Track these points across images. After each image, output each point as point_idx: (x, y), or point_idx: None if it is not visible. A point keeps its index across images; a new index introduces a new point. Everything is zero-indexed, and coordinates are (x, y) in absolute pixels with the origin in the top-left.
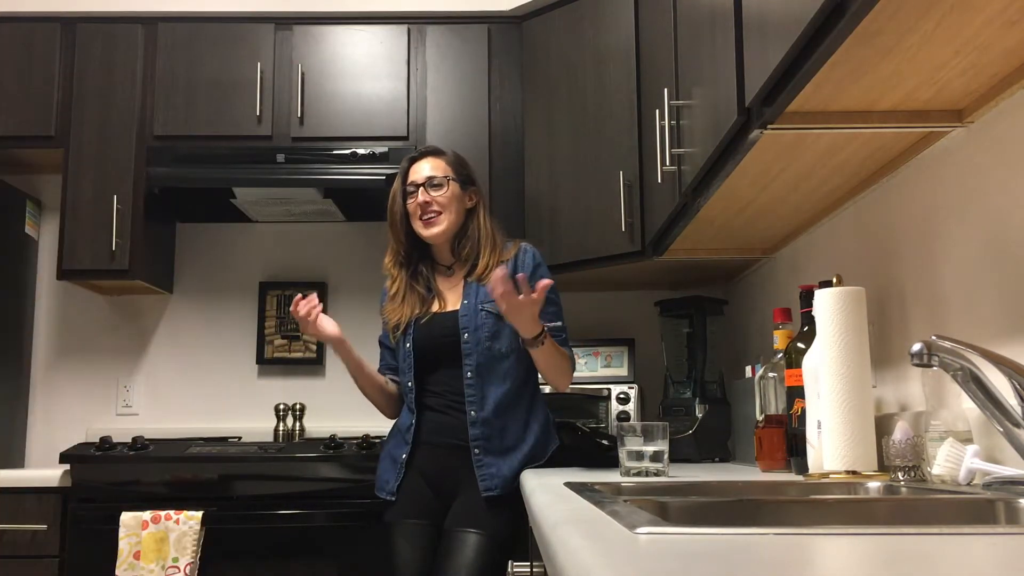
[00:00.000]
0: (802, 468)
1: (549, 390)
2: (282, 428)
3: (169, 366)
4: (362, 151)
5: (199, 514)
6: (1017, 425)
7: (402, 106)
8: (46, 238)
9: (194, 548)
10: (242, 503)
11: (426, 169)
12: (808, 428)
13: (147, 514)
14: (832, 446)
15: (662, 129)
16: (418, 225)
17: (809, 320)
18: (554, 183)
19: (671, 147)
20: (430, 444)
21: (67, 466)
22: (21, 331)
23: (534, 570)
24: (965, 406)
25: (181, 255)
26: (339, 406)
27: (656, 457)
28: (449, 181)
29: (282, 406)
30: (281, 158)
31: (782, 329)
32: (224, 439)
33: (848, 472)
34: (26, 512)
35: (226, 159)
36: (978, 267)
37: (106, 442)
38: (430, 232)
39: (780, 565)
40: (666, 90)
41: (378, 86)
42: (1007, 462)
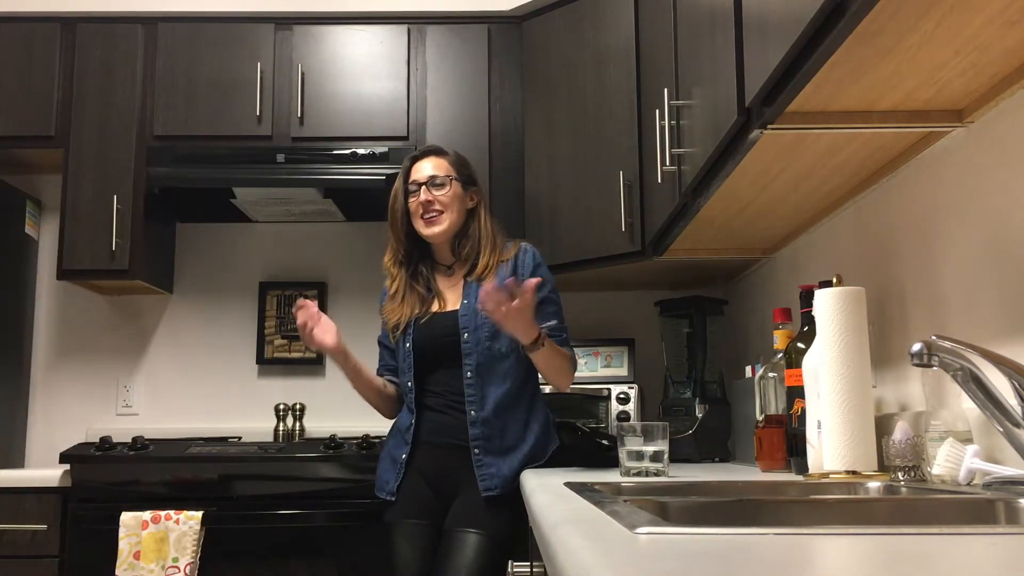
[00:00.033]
0: (802, 468)
1: (549, 390)
2: (282, 428)
3: (169, 366)
4: (362, 151)
5: (199, 514)
6: (1017, 425)
7: (402, 106)
8: (46, 238)
9: (194, 548)
10: (242, 503)
11: (428, 168)
12: (808, 428)
13: (147, 514)
14: (832, 446)
15: (662, 129)
16: (419, 224)
17: (809, 320)
18: (554, 183)
19: (671, 147)
20: (430, 444)
21: (67, 466)
22: (21, 331)
23: (534, 570)
24: (965, 406)
25: (181, 255)
26: (339, 406)
27: (656, 457)
28: (451, 180)
29: (282, 406)
30: (281, 158)
31: (782, 329)
32: (224, 439)
33: (848, 472)
34: (26, 512)
35: (226, 159)
36: (978, 267)
37: (106, 442)
38: (431, 231)
39: (780, 565)
40: (666, 90)
41: (378, 86)
42: (1007, 462)
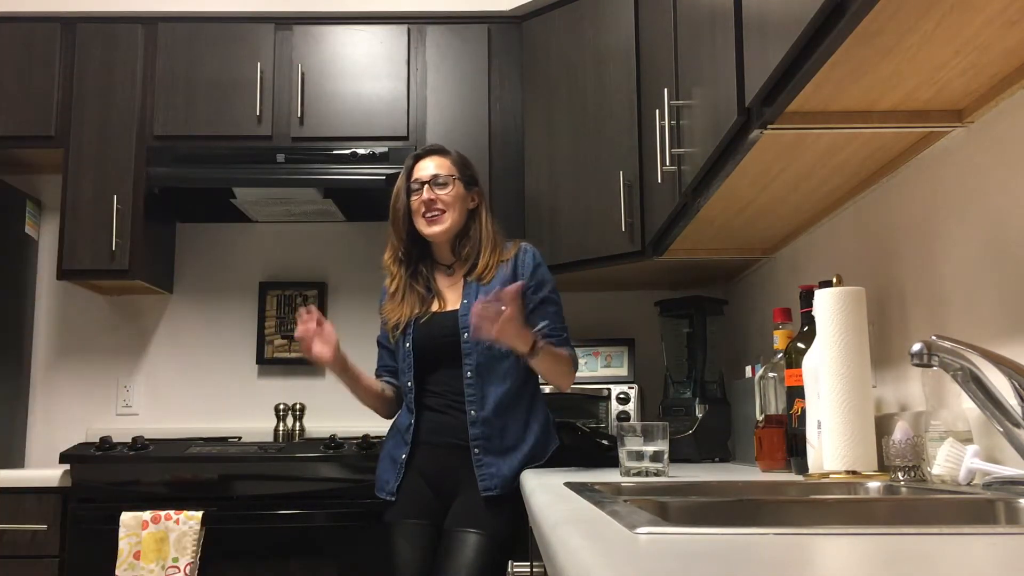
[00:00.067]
0: (802, 468)
1: (549, 390)
2: (282, 428)
3: (169, 366)
4: (362, 151)
5: (199, 514)
6: (1017, 425)
7: (402, 106)
8: (46, 238)
9: (194, 548)
10: (242, 503)
11: (431, 167)
12: (808, 428)
13: (147, 514)
14: (832, 446)
15: (662, 129)
16: (420, 223)
17: (809, 320)
18: (554, 183)
19: (671, 147)
20: (430, 444)
21: (67, 466)
22: (21, 331)
23: (534, 570)
24: (965, 406)
25: (181, 255)
26: (339, 406)
27: (656, 457)
28: (454, 180)
29: (282, 406)
30: (281, 158)
31: (782, 329)
32: (224, 439)
33: (848, 472)
34: (26, 512)
35: (226, 159)
36: (978, 267)
37: (106, 442)
38: (432, 230)
39: (780, 565)
40: (666, 90)
41: (378, 86)
42: (1007, 462)
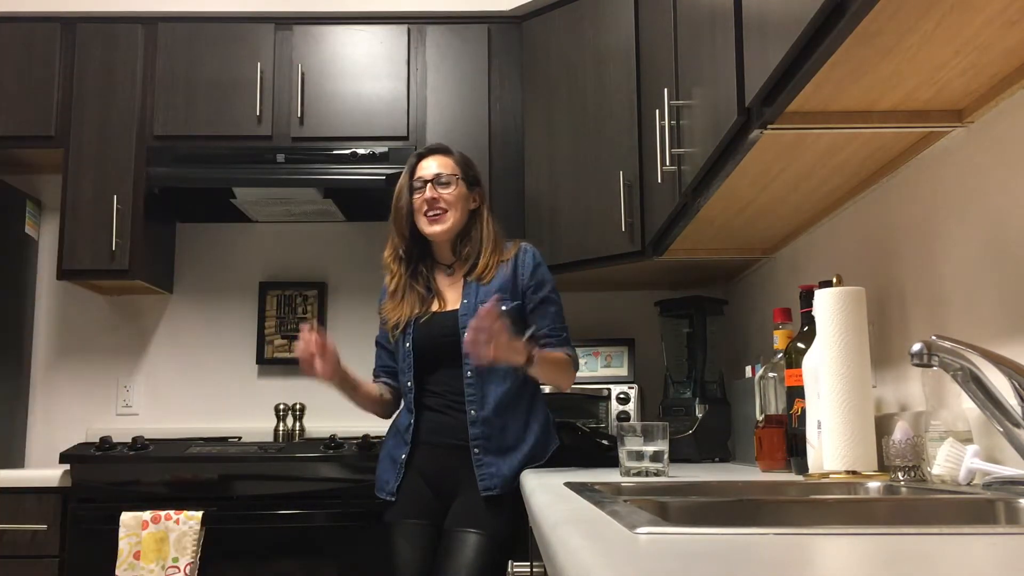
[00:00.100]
0: (802, 468)
1: (549, 390)
2: (282, 428)
3: (169, 366)
4: (362, 151)
5: (199, 514)
6: (1017, 425)
7: (402, 106)
8: (46, 238)
9: (194, 548)
10: (242, 503)
11: (434, 166)
12: (808, 428)
13: (147, 514)
14: (832, 446)
15: (662, 129)
16: (422, 222)
17: (809, 320)
18: (554, 183)
19: (671, 147)
20: (429, 444)
21: (67, 466)
22: (21, 331)
23: (534, 570)
24: (965, 406)
25: (181, 255)
26: (339, 406)
27: (656, 457)
28: (457, 180)
29: (282, 406)
30: (281, 158)
31: (782, 329)
32: (224, 439)
33: (848, 472)
34: (26, 512)
35: (226, 159)
36: (978, 267)
37: (106, 442)
38: (434, 229)
39: (780, 565)
40: (666, 90)
41: (378, 86)
42: (1007, 462)
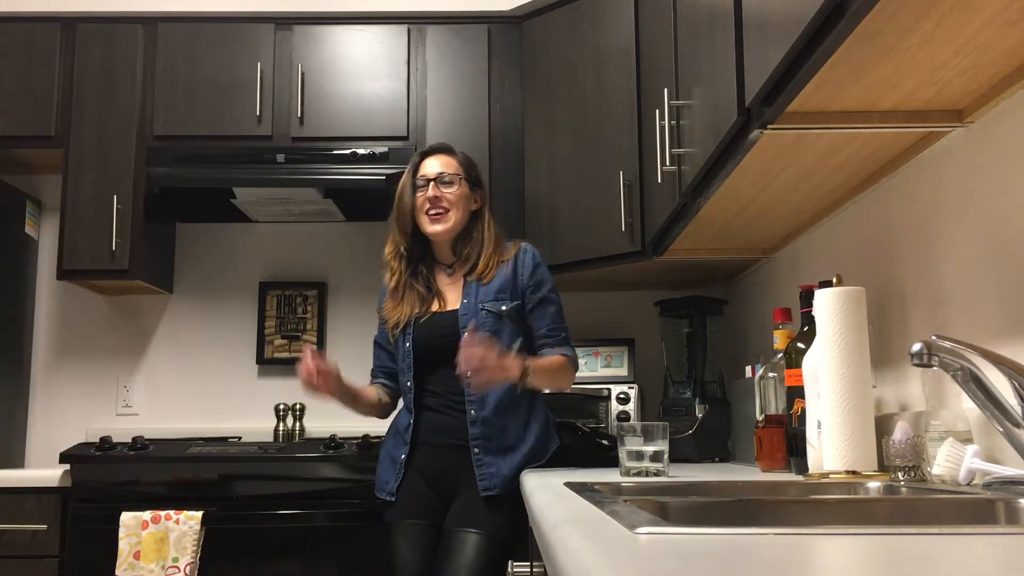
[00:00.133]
0: (802, 468)
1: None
2: (282, 428)
3: (169, 366)
4: (362, 151)
5: (199, 514)
6: (1017, 425)
7: (402, 106)
8: (46, 238)
9: (194, 548)
10: (242, 503)
11: (437, 165)
12: (808, 428)
13: (147, 514)
14: (832, 446)
15: (662, 129)
16: (424, 220)
17: (809, 320)
18: (554, 183)
19: (671, 147)
20: (429, 444)
21: (67, 466)
22: (21, 331)
23: (534, 570)
24: (965, 406)
25: (181, 255)
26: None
27: (656, 457)
28: (460, 180)
29: (282, 406)
30: (281, 158)
31: (782, 329)
32: (224, 439)
33: (848, 472)
34: (26, 512)
35: (226, 159)
36: (978, 267)
37: (106, 442)
38: (435, 228)
39: (780, 565)
40: (666, 90)
41: (378, 86)
42: (1007, 462)
